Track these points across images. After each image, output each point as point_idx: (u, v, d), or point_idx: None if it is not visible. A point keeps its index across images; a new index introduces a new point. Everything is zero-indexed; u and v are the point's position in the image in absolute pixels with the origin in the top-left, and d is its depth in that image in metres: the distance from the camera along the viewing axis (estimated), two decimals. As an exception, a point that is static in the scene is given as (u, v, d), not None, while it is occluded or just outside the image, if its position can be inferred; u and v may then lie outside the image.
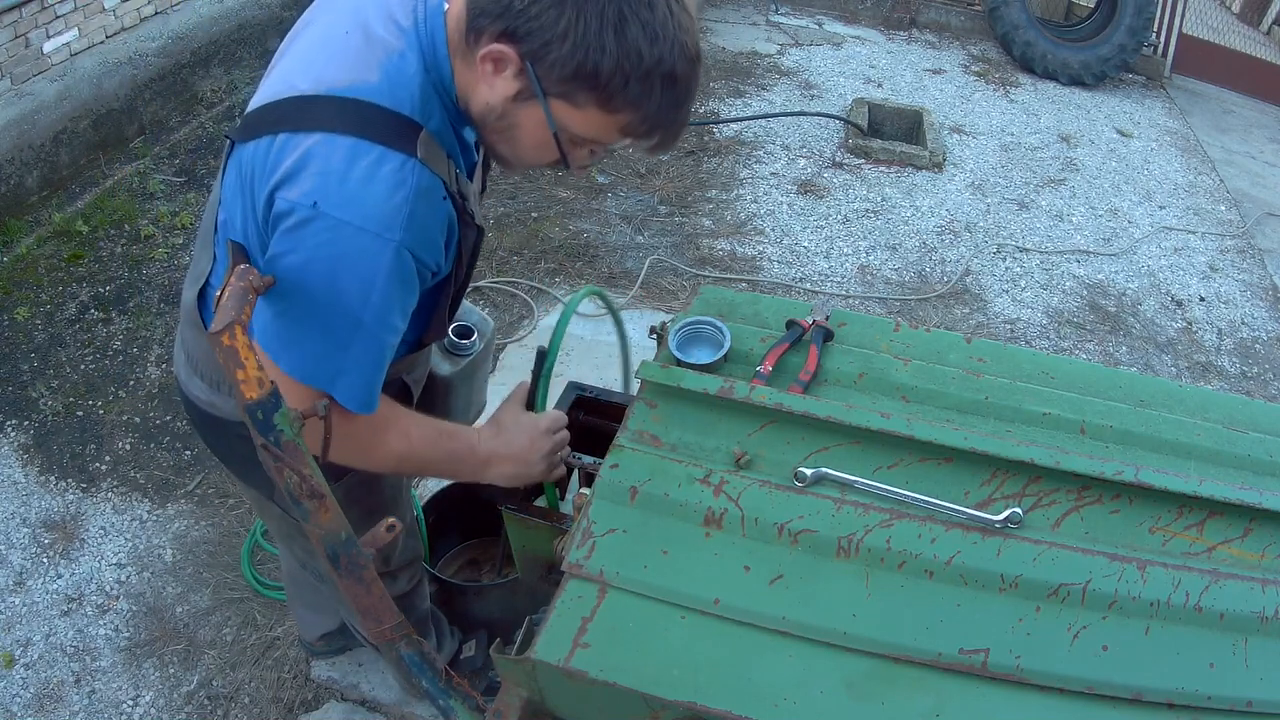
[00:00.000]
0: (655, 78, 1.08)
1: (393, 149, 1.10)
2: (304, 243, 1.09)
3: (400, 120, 1.12)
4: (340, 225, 1.08)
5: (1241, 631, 1.23)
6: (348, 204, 1.08)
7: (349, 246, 1.09)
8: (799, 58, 6.13)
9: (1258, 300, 4.26)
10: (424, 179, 1.12)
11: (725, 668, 1.18)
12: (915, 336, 1.61)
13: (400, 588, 1.90)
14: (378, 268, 1.11)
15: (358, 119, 1.10)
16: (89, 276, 3.56)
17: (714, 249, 4.10)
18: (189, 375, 1.49)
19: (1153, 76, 6.51)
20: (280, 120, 1.13)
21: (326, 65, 1.14)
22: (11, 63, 3.76)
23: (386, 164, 1.09)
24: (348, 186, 1.08)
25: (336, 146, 1.08)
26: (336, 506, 1.16)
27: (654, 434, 1.41)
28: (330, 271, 1.10)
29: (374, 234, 1.09)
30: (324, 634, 2.21)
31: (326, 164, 1.08)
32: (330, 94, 1.11)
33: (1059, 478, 1.34)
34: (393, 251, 1.10)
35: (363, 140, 1.09)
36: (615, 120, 1.12)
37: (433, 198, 1.15)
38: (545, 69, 1.07)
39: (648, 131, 1.14)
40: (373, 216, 1.08)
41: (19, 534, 2.61)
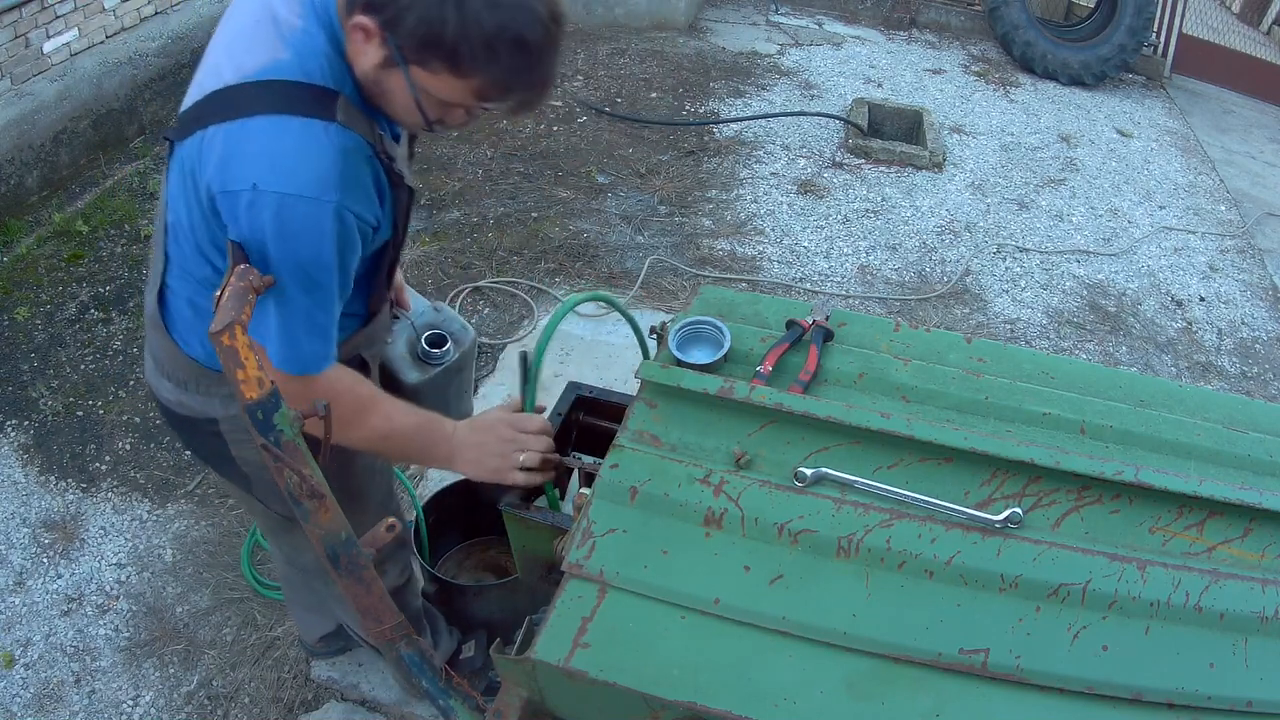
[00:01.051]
0: (499, 43, 1.11)
1: (312, 117, 1.16)
2: (253, 223, 1.15)
3: (315, 90, 1.18)
4: (281, 198, 1.14)
5: (1241, 631, 1.23)
6: (283, 177, 1.14)
7: (294, 215, 1.15)
8: (799, 58, 6.13)
9: (1258, 300, 4.26)
10: (347, 140, 1.19)
11: (725, 668, 1.18)
12: (915, 336, 1.61)
13: (391, 580, 1.90)
14: (324, 230, 1.17)
15: (276, 97, 1.17)
16: (89, 276, 3.56)
17: (714, 249, 4.10)
18: (157, 377, 1.52)
19: (1153, 76, 6.51)
20: (209, 114, 1.20)
21: (244, 54, 1.22)
22: (11, 63, 3.76)
23: (309, 132, 1.16)
24: (279, 160, 1.15)
25: (262, 127, 1.15)
26: (336, 506, 1.16)
27: (654, 434, 1.41)
28: (283, 244, 1.16)
29: (313, 199, 1.15)
30: (323, 636, 2.21)
31: (256, 145, 1.15)
32: (248, 80, 1.19)
33: (1059, 478, 1.34)
34: (333, 212, 1.16)
35: (283, 115, 1.16)
36: (468, 84, 1.16)
37: (358, 157, 1.21)
38: (401, 38, 1.13)
39: (502, 94, 1.18)
40: (309, 182, 1.15)
41: (19, 534, 2.61)
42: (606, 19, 6.25)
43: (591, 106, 5.15)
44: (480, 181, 4.43)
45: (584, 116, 5.09)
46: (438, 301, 1.88)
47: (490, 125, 4.89)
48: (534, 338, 3.46)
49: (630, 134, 4.96)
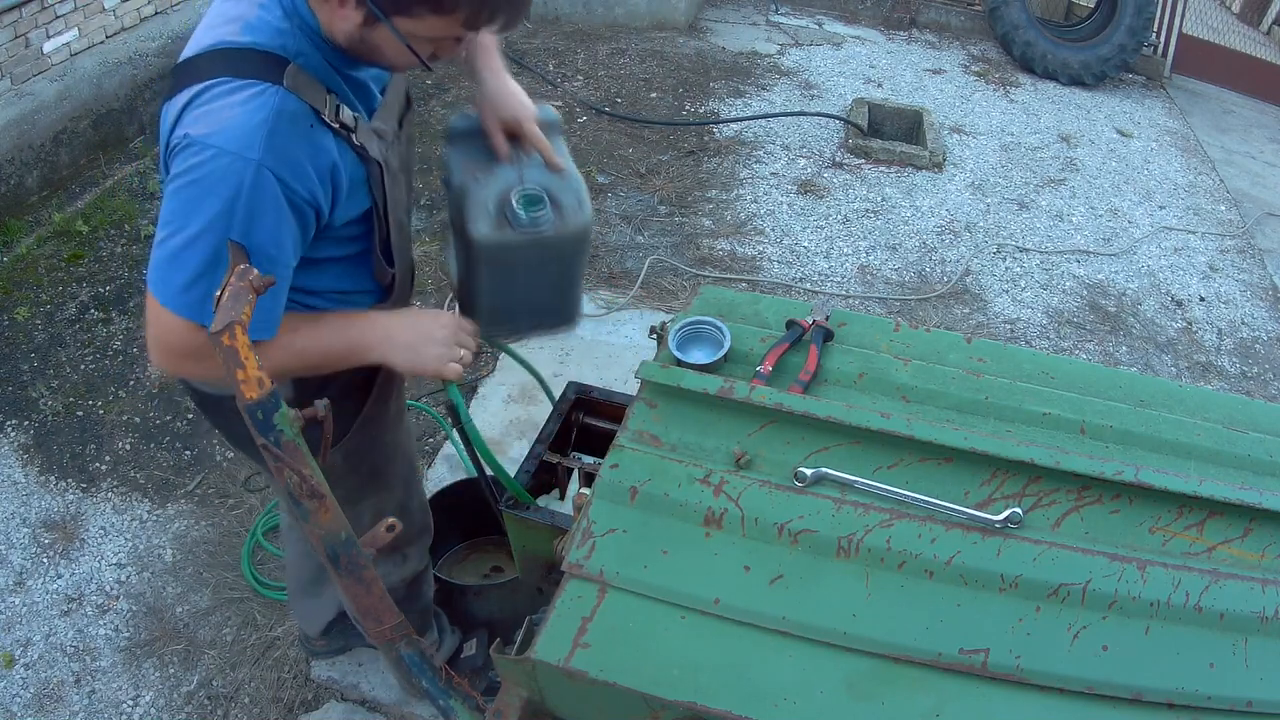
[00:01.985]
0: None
1: (254, 79, 1.19)
2: (178, 168, 1.18)
3: (261, 54, 1.21)
4: (205, 148, 1.16)
5: (1241, 631, 1.23)
6: (211, 130, 1.16)
7: (213, 166, 1.16)
8: (799, 58, 6.13)
9: (1258, 300, 4.26)
10: (287, 103, 1.19)
11: (725, 668, 1.18)
12: (915, 336, 1.61)
13: (413, 568, 1.90)
14: (240, 185, 1.17)
15: (223, 62, 1.20)
16: (89, 276, 3.56)
17: (714, 249, 4.10)
18: None
19: (1153, 76, 6.51)
20: (175, 85, 1.24)
21: (208, 30, 1.26)
22: (11, 63, 3.76)
23: (246, 90, 1.18)
24: (212, 116, 1.17)
25: (209, 89, 1.19)
26: (337, 506, 1.16)
27: (654, 434, 1.41)
28: (200, 190, 1.17)
29: (233, 154, 1.16)
30: (326, 625, 2.20)
31: (199, 103, 1.18)
32: (204, 49, 1.23)
33: (1059, 478, 1.34)
34: (253, 170, 1.17)
35: (226, 78, 1.19)
36: (454, 19, 1.18)
37: (298, 123, 1.21)
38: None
39: (489, 18, 1.20)
40: (232, 138, 1.16)
41: (19, 534, 2.61)
42: (606, 19, 6.25)
43: (591, 106, 5.15)
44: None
45: (584, 116, 5.09)
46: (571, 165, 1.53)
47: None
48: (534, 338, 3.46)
49: (630, 134, 4.96)
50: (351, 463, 1.63)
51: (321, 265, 1.39)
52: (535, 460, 1.66)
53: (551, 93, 5.28)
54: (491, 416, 3.06)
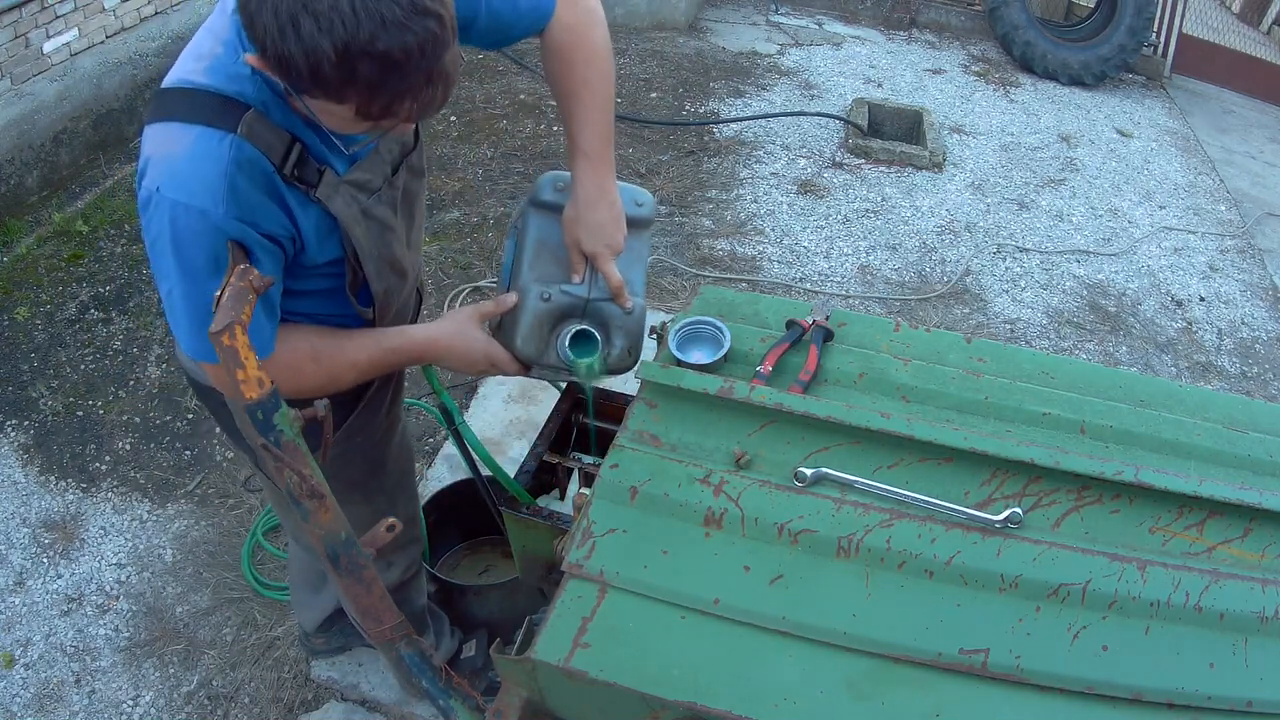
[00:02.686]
0: (353, 61, 1.03)
1: (211, 126, 1.17)
2: (148, 223, 1.20)
3: (221, 99, 1.19)
4: (173, 204, 1.16)
5: (1241, 631, 1.23)
6: (176, 184, 1.16)
7: (181, 223, 1.17)
8: (799, 58, 6.13)
9: (1258, 300, 4.26)
10: (243, 152, 1.18)
11: (725, 668, 1.18)
12: (915, 336, 1.61)
13: (395, 577, 1.90)
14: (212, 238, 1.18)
15: (184, 103, 1.19)
16: (89, 276, 3.56)
17: (714, 249, 4.10)
18: None
19: (1153, 76, 6.51)
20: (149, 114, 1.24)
21: (181, 61, 1.25)
22: (11, 63, 3.76)
23: (202, 141, 1.17)
24: (175, 167, 1.17)
25: (165, 131, 1.19)
26: (336, 506, 1.16)
27: (654, 434, 1.41)
28: (174, 246, 1.19)
29: (199, 209, 1.16)
30: (325, 620, 2.20)
31: (159, 149, 1.18)
32: (172, 85, 1.22)
33: (1059, 478, 1.34)
34: (218, 221, 1.18)
35: (184, 123, 1.18)
36: (348, 109, 1.10)
37: (254, 172, 1.20)
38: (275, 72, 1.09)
39: (386, 109, 1.09)
40: (195, 192, 1.16)
41: (19, 534, 2.61)
42: (606, 19, 6.24)
43: (591, 106, 5.14)
44: (480, 181, 4.43)
45: (584, 116, 5.09)
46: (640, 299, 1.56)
47: (490, 125, 4.89)
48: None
49: (630, 134, 4.96)
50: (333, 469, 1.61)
51: (301, 296, 1.40)
52: (535, 460, 1.66)
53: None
54: (491, 417, 3.06)
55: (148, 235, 1.21)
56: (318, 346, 1.39)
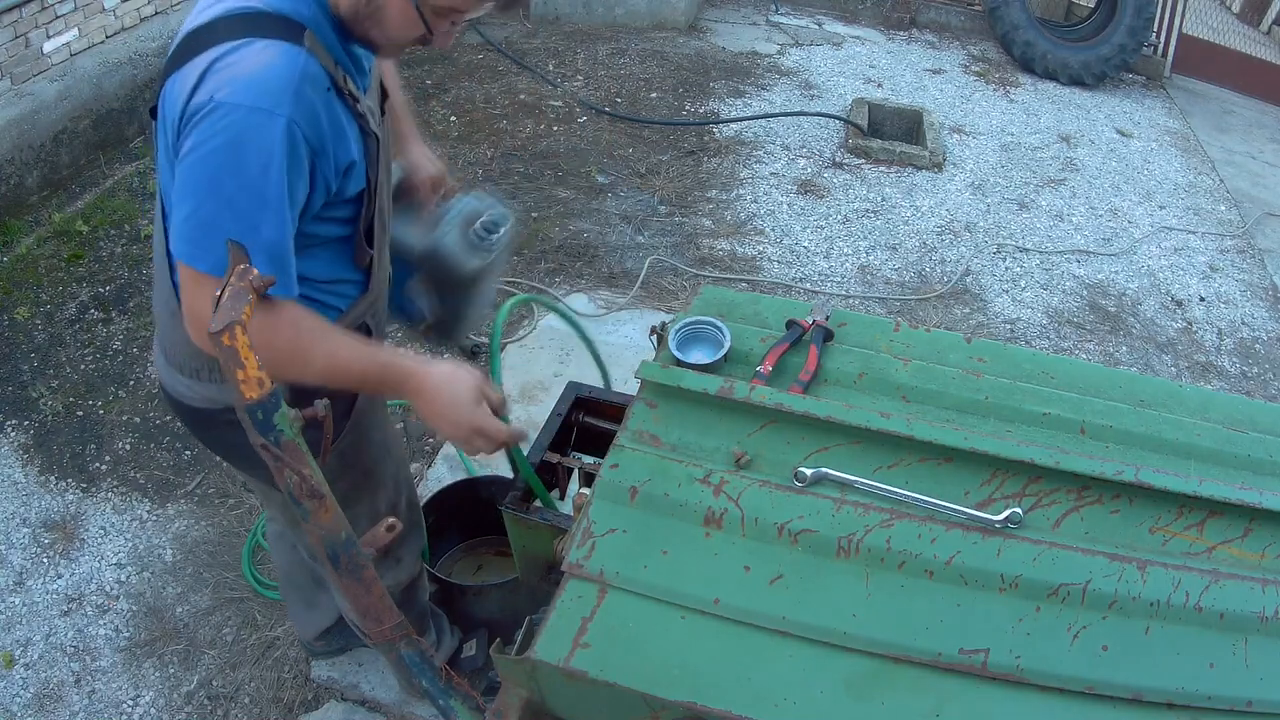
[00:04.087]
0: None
1: (277, 39, 1.20)
2: (205, 133, 1.17)
3: (281, 18, 1.22)
4: (234, 109, 1.16)
5: (1241, 631, 1.23)
6: (239, 89, 1.16)
7: (244, 125, 1.16)
8: (799, 58, 6.13)
9: (1258, 300, 4.26)
10: (310, 65, 1.21)
11: (725, 668, 1.18)
12: (915, 336, 1.61)
13: (407, 571, 1.90)
14: (273, 139, 1.18)
15: (243, 24, 1.20)
16: (89, 276, 3.56)
17: (714, 249, 4.10)
18: (169, 371, 1.51)
19: (1153, 76, 6.51)
20: (190, 51, 1.22)
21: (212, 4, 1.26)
22: (11, 63, 3.76)
23: (271, 49, 1.19)
24: (238, 74, 1.17)
25: (228, 50, 1.19)
26: (336, 506, 1.16)
27: (654, 434, 1.41)
28: (231, 153, 1.17)
29: (265, 110, 1.16)
30: (323, 630, 2.21)
31: (221, 64, 1.18)
32: (218, 16, 1.22)
33: (1059, 478, 1.34)
34: (283, 124, 1.18)
35: (250, 38, 1.19)
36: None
37: (318, 86, 1.23)
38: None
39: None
40: (262, 94, 1.17)
41: (19, 534, 2.61)
42: (606, 19, 6.25)
43: (591, 106, 5.15)
44: (480, 181, 4.43)
45: (584, 116, 5.09)
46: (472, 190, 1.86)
47: (490, 125, 4.89)
48: (535, 338, 3.46)
49: (630, 134, 4.96)
50: (345, 462, 1.62)
51: (311, 249, 1.38)
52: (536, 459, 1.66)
53: (551, 93, 5.28)
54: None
55: (195, 148, 1.18)
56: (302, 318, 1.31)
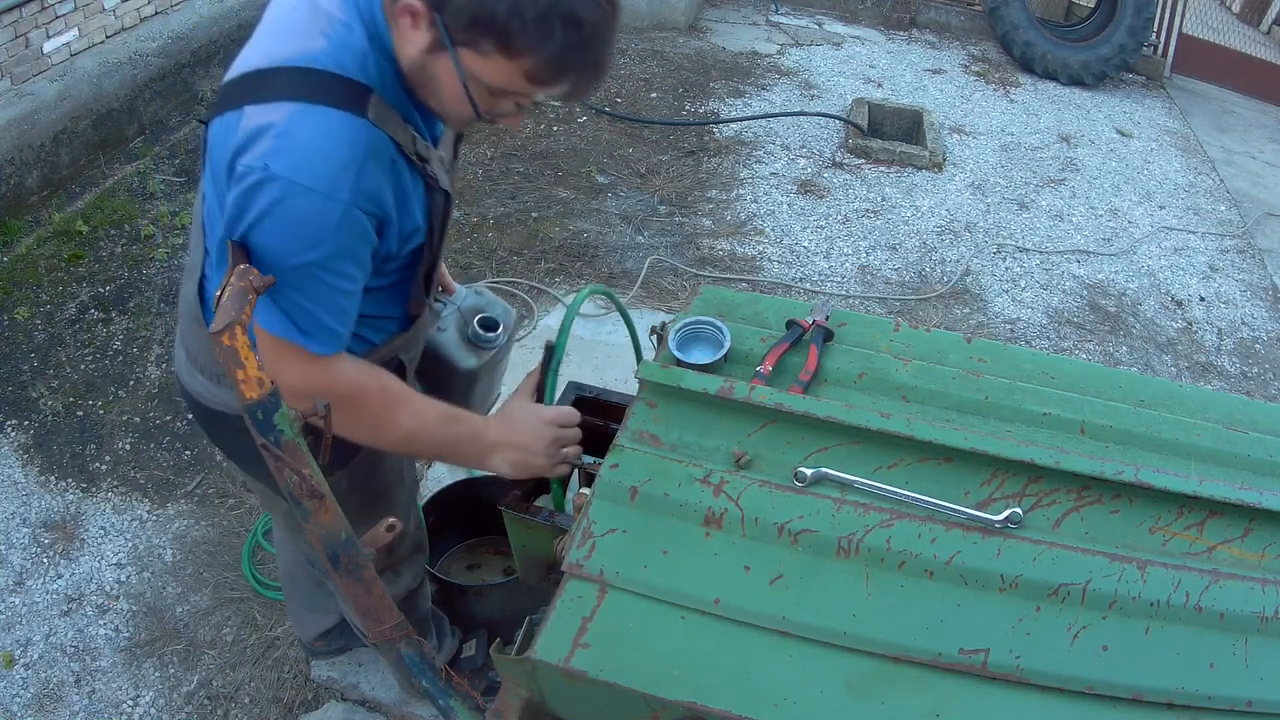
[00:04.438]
0: (553, 19, 1.08)
1: (341, 110, 1.14)
2: (258, 204, 1.13)
3: (348, 83, 1.16)
4: (290, 185, 1.12)
5: (1241, 631, 1.23)
6: (298, 165, 1.12)
7: (299, 205, 1.13)
8: (799, 58, 6.13)
9: (1258, 300, 4.26)
10: (374, 138, 1.17)
11: (725, 668, 1.18)
12: (915, 336, 1.61)
13: (405, 584, 1.89)
14: (327, 224, 1.15)
15: (307, 85, 1.15)
16: (89, 276, 3.56)
17: (714, 249, 4.10)
18: (190, 372, 1.50)
19: (1153, 76, 6.51)
20: (238, 95, 1.18)
21: (276, 40, 1.20)
22: (11, 63, 3.76)
23: (335, 124, 1.14)
24: (297, 147, 1.12)
25: (288, 111, 1.13)
26: (336, 506, 1.16)
27: (654, 434, 1.41)
28: (284, 230, 1.15)
29: (323, 194, 1.13)
30: (323, 632, 2.21)
31: (279, 128, 1.13)
32: (281, 65, 1.16)
33: (1059, 478, 1.34)
34: (341, 209, 1.15)
35: (312, 104, 1.14)
36: (519, 66, 1.13)
37: (382, 157, 1.19)
38: (450, 17, 1.10)
39: (554, 77, 1.14)
40: (322, 176, 1.13)
41: (19, 534, 2.61)
42: (606, 19, 6.24)
43: (591, 106, 5.15)
44: (480, 181, 4.43)
45: (584, 116, 5.09)
46: (476, 285, 1.85)
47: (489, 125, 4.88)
48: (534, 338, 3.46)
49: (630, 134, 4.96)
50: (357, 483, 1.62)
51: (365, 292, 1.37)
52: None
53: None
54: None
55: (250, 216, 1.15)
56: (390, 384, 1.34)
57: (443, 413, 1.41)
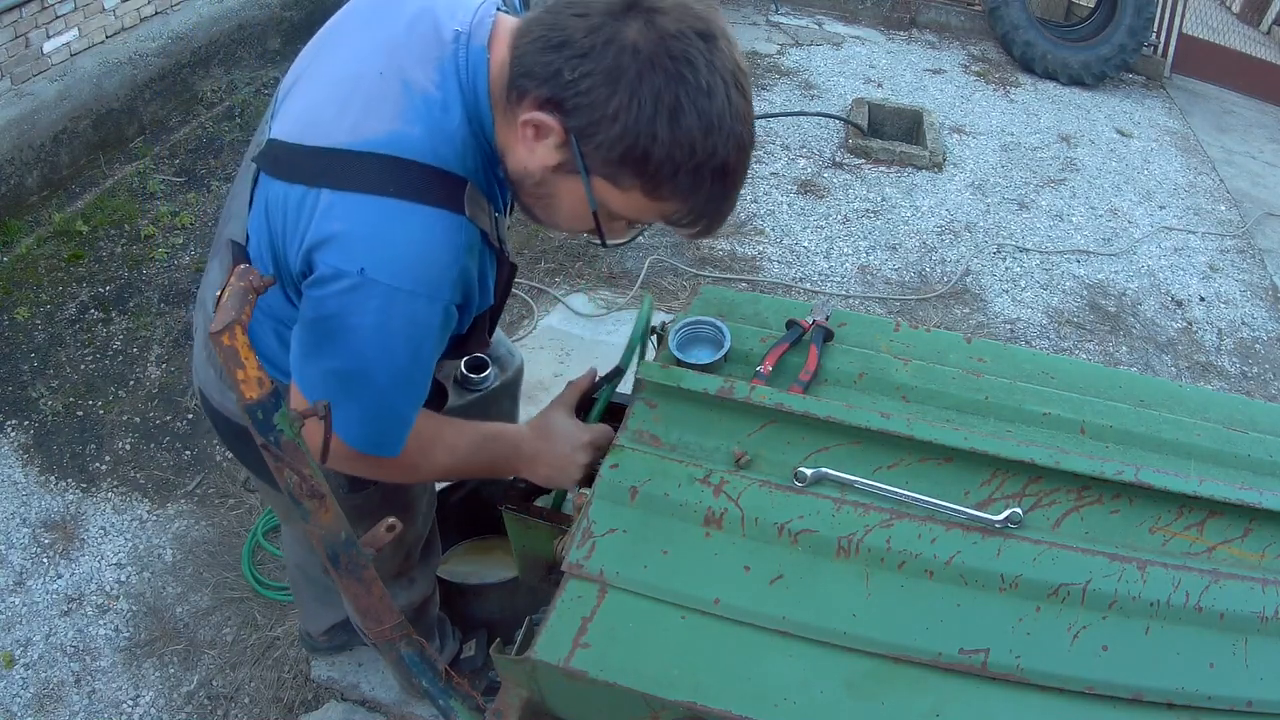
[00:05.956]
0: (706, 170, 1.03)
1: (441, 208, 1.08)
2: (354, 309, 1.07)
3: (446, 177, 1.09)
4: (393, 292, 1.06)
5: (1241, 631, 1.23)
6: (399, 270, 1.06)
7: (401, 311, 1.08)
8: (799, 58, 6.13)
9: (1258, 300, 4.26)
10: (471, 236, 1.12)
11: (725, 668, 1.18)
12: (915, 336, 1.61)
13: (420, 591, 1.88)
14: (430, 327, 1.11)
15: (403, 179, 1.06)
16: (89, 276, 3.56)
17: (714, 249, 4.10)
18: (221, 390, 1.46)
19: (1153, 76, 6.51)
20: (319, 173, 1.09)
21: (364, 114, 1.09)
22: (11, 63, 3.76)
23: (436, 225, 1.08)
24: (397, 251, 1.06)
25: (382, 209, 1.06)
26: (336, 506, 1.16)
27: (654, 434, 1.41)
28: (383, 337, 1.10)
29: (426, 297, 1.08)
30: (330, 626, 2.20)
31: (373, 228, 1.06)
32: (372, 151, 1.07)
33: (1059, 478, 1.34)
34: (442, 310, 1.11)
35: (409, 202, 1.06)
36: (659, 207, 1.09)
37: (474, 251, 1.14)
38: (591, 147, 1.02)
39: (693, 221, 1.11)
40: (424, 280, 1.07)
41: (19, 534, 2.61)
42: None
43: (591, 106, 5.14)
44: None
45: (584, 116, 5.09)
46: None
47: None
48: (534, 338, 3.46)
49: (630, 134, 4.95)
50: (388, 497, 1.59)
51: None
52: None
53: None
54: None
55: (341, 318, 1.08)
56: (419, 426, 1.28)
57: (476, 439, 1.39)
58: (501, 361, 1.77)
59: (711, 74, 1.00)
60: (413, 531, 1.73)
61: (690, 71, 0.99)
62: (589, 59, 0.99)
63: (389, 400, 1.17)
